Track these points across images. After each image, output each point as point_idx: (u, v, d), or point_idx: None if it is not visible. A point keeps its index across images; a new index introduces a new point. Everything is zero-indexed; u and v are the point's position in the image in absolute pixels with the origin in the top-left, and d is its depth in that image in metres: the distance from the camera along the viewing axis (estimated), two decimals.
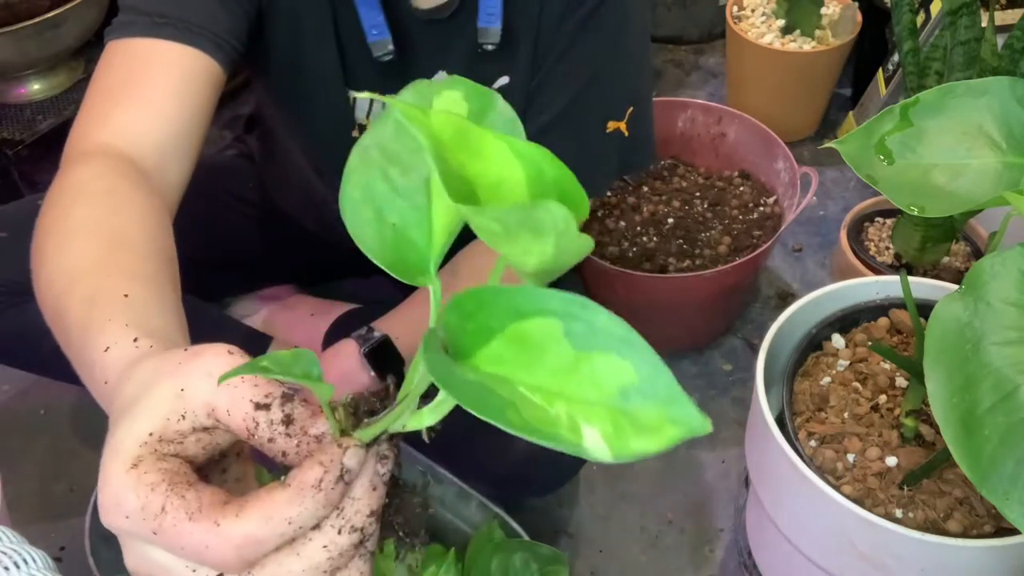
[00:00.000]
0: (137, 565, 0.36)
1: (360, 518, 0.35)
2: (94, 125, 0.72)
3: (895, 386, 0.85)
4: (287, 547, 0.35)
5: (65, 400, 1.27)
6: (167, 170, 0.71)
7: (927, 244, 1.16)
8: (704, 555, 1.09)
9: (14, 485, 1.18)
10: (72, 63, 1.53)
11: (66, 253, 0.59)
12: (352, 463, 0.35)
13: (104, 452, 0.36)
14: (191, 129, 0.74)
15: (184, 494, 0.34)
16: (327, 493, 0.34)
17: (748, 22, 1.60)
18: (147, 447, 0.35)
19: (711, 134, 1.38)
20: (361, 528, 0.35)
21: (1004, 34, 1.05)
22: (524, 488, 0.97)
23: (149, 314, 0.49)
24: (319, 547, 0.35)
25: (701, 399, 1.26)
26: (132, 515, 0.34)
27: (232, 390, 0.36)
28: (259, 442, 0.36)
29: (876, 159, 0.64)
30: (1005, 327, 0.56)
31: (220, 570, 0.35)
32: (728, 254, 1.25)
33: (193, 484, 0.35)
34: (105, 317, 0.47)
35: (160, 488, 0.34)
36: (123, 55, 0.75)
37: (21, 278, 0.99)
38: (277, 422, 0.36)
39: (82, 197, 0.64)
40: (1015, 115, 0.63)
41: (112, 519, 0.35)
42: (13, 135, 1.43)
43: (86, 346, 0.47)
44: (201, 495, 0.34)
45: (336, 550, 0.35)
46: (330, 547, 0.35)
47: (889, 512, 0.76)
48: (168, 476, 0.35)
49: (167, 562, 0.35)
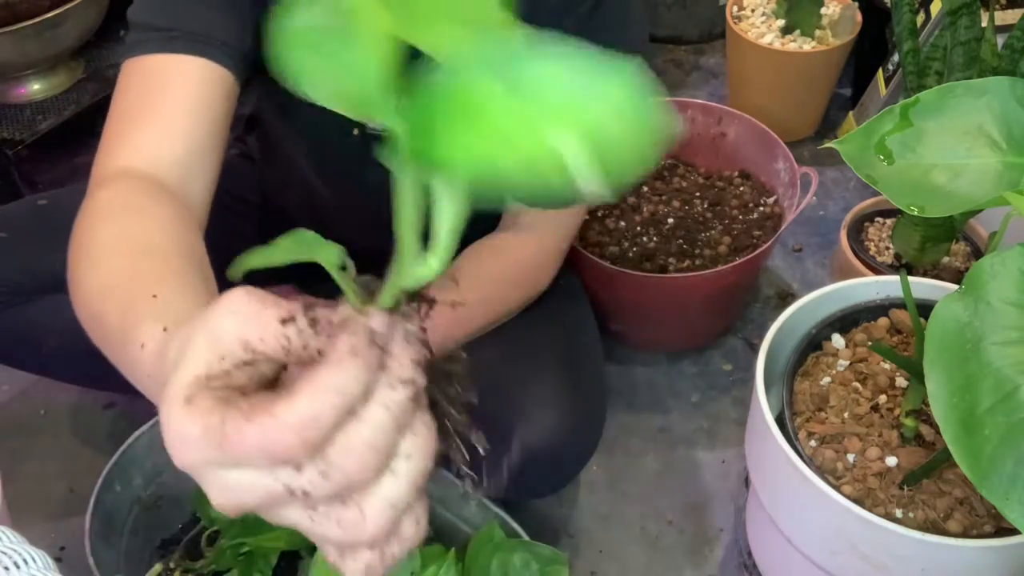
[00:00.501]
0: (220, 496, 0.37)
1: (406, 370, 0.37)
2: (115, 148, 0.73)
3: (895, 386, 0.85)
4: (349, 419, 0.35)
5: (65, 400, 1.27)
6: (190, 183, 0.73)
7: (927, 244, 1.16)
8: (704, 555, 1.09)
9: (14, 485, 1.18)
10: (72, 63, 1.53)
11: (96, 272, 0.62)
12: (378, 325, 0.36)
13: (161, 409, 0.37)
14: (210, 141, 0.75)
15: (239, 404, 0.35)
16: (364, 357, 0.35)
17: (748, 22, 1.60)
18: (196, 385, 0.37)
19: (711, 134, 1.38)
20: (411, 379, 0.37)
21: (1004, 34, 1.05)
22: (525, 490, 0.97)
23: (177, 307, 0.52)
24: (378, 408, 0.36)
25: (701, 399, 1.26)
26: (197, 441, 0.35)
27: (258, 319, 0.37)
28: (296, 355, 0.37)
29: (876, 159, 0.64)
30: (1005, 327, 0.56)
31: (292, 459, 0.35)
32: (728, 254, 1.25)
33: (246, 395, 0.36)
34: (138, 320, 0.50)
35: (216, 408, 0.35)
36: (138, 74, 0.76)
37: (21, 278, 1.00)
38: (305, 328, 0.37)
39: (106, 216, 0.67)
40: (1015, 115, 0.63)
41: (182, 455, 0.36)
42: (13, 135, 1.43)
43: (126, 350, 0.50)
44: (253, 400, 0.36)
45: (395, 407, 0.36)
46: (389, 404, 0.36)
47: (889, 512, 0.76)
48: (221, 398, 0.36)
49: (245, 479, 0.36)
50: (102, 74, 1.55)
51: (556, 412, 0.91)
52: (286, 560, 0.92)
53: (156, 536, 0.97)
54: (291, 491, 0.35)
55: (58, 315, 1.01)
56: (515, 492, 1.01)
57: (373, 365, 0.36)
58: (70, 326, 1.01)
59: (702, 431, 1.22)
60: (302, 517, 0.37)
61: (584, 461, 0.97)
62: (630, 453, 1.20)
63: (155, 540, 0.97)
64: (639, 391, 1.27)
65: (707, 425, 1.23)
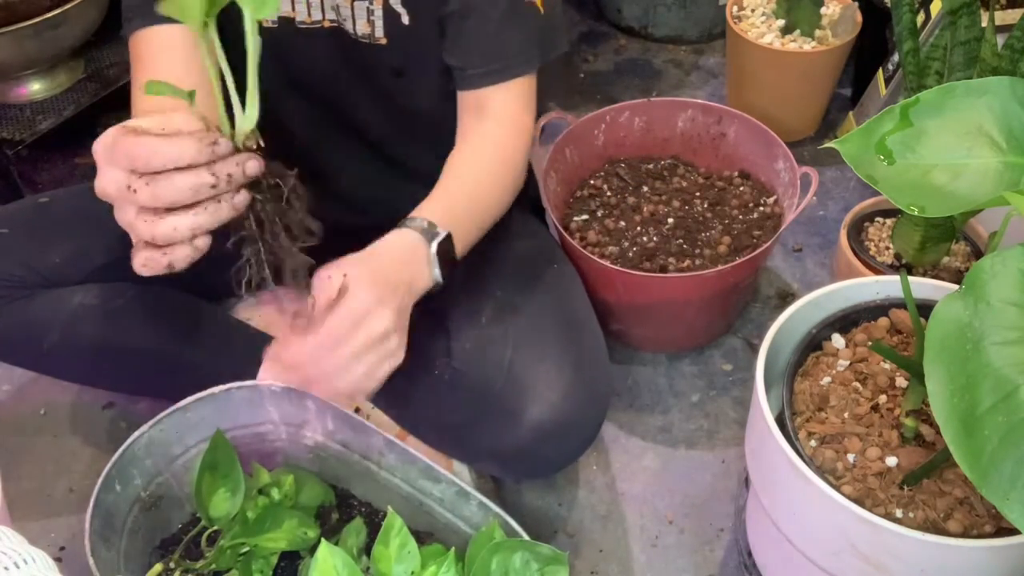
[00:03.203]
0: (99, 183, 0.63)
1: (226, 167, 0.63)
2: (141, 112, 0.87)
3: (895, 386, 0.85)
4: (182, 169, 0.62)
5: (65, 400, 1.27)
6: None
7: (927, 244, 1.16)
8: (704, 555, 1.09)
9: (14, 485, 1.18)
10: (72, 63, 1.53)
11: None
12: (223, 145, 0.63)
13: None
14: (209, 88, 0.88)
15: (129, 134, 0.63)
16: (198, 139, 0.62)
17: (748, 22, 1.60)
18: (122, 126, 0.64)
19: (711, 134, 1.38)
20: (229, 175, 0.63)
21: (1004, 34, 1.05)
22: (534, 465, 0.98)
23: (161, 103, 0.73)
24: (199, 174, 0.62)
25: (701, 399, 1.26)
26: (103, 140, 0.64)
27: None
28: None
29: (876, 159, 0.64)
30: (1005, 327, 0.56)
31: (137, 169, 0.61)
32: (728, 254, 1.25)
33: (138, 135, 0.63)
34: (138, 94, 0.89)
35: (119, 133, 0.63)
36: (143, 45, 0.89)
37: (23, 272, 1.00)
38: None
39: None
40: (1015, 115, 0.63)
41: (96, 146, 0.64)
42: (13, 135, 1.43)
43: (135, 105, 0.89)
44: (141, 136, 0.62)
45: (203, 181, 0.62)
46: (203, 177, 0.62)
47: (889, 512, 0.76)
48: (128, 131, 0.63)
49: (112, 174, 0.62)
50: (102, 74, 1.55)
51: (562, 388, 0.92)
52: (286, 560, 0.92)
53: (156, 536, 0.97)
54: (131, 187, 0.61)
55: (59, 310, 1.01)
56: (525, 469, 1.02)
57: (205, 152, 0.61)
58: (71, 321, 1.02)
59: (702, 431, 1.22)
60: (130, 215, 0.63)
61: (591, 437, 0.98)
62: (630, 453, 1.20)
63: (155, 540, 0.97)
64: (639, 391, 1.27)
65: (707, 425, 1.23)
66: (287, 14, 0.96)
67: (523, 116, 0.97)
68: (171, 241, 0.63)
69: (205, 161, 0.62)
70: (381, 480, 0.96)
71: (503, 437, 0.93)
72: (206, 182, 0.62)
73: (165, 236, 0.63)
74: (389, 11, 0.94)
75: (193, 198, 0.62)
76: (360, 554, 0.90)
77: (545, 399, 0.92)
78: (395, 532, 0.82)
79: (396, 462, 0.94)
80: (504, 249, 1.06)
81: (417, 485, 0.94)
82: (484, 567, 0.81)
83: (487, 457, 0.97)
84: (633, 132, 1.39)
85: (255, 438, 1.00)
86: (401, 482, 0.95)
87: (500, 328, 0.96)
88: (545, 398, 0.92)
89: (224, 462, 0.91)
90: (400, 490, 0.95)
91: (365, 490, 0.99)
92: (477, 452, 0.98)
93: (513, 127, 0.96)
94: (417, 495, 0.94)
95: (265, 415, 0.98)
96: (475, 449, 0.98)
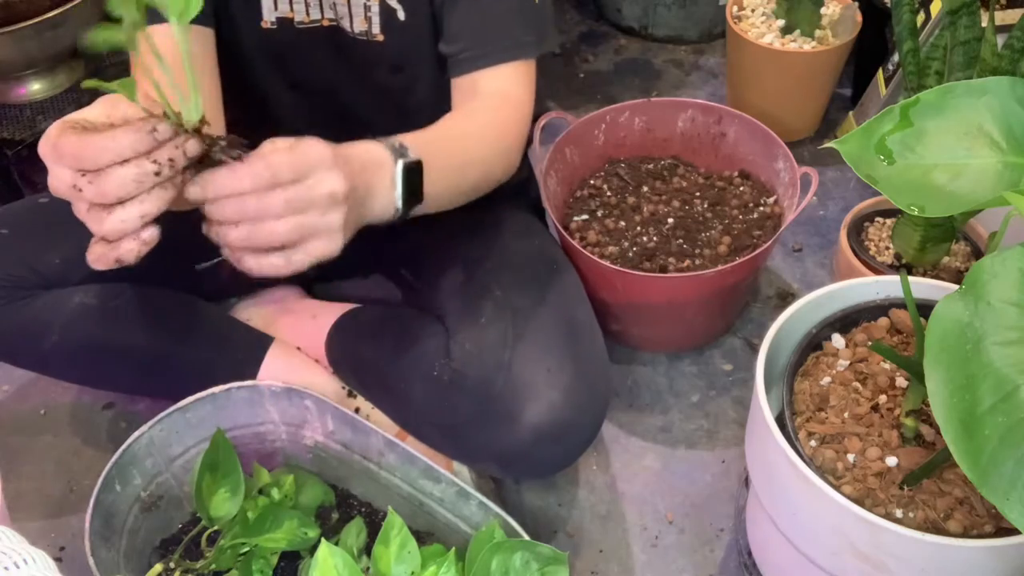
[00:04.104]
0: (51, 182, 0.63)
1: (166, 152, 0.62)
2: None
3: (895, 386, 0.85)
4: (123, 164, 0.61)
5: (65, 400, 1.27)
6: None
7: (927, 244, 1.16)
8: (704, 555, 1.09)
9: (14, 485, 1.18)
10: (72, 63, 1.53)
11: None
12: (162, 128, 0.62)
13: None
14: (217, 93, 0.90)
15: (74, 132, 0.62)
16: (139, 131, 0.61)
17: (748, 22, 1.60)
18: (66, 121, 0.64)
19: (711, 134, 1.38)
20: (171, 159, 0.62)
21: (1004, 34, 1.05)
22: (534, 466, 0.98)
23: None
24: (138, 166, 0.61)
25: (701, 399, 1.26)
26: (48, 138, 0.63)
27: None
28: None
29: (876, 159, 0.64)
30: (1005, 327, 0.56)
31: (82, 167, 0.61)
32: (728, 254, 1.25)
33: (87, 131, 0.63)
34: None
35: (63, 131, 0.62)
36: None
37: (23, 272, 1.00)
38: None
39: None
40: (1015, 115, 0.63)
41: (41, 146, 0.63)
42: (13, 135, 1.43)
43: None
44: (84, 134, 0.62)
45: (143, 170, 0.61)
46: (144, 168, 0.61)
47: (889, 512, 0.76)
48: (72, 128, 0.62)
49: (60, 173, 0.62)
50: (102, 74, 1.55)
51: (562, 388, 0.92)
52: (286, 560, 0.92)
53: (156, 536, 0.97)
54: (76, 186, 0.61)
55: (60, 310, 1.01)
56: (525, 469, 1.02)
57: (146, 141, 0.61)
58: (71, 321, 1.02)
59: (702, 431, 1.22)
60: (83, 211, 0.63)
61: (591, 438, 0.98)
62: (630, 453, 1.20)
63: (155, 540, 0.97)
64: (639, 391, 1.27)
65: (707, 425, 1.23)
66: (286, 15, 0.96)
67: (518, 92, 0.95)
68: (122, 234, 0.63)
69: (146, 150, 0.61)
70: (381, 480, 0.96)
71: (503, 437, 0.93)
72: (148, 171, 0.61)
73: (115, 230, 0.62)
74: (385, 7, 0.94)
75: (139, 189, 0.62)
76: (360, 554, 0.90)
77: (545, 399, 0.91)
78: (395, 532, 0.82)
79: (396, 462, 0.94)
80: (504, 249, 1.06)
81: (417, 485, 0.94)
82: (484, 567, 0.81)
83: (487, 457, 0.97)
84: (633, 132, 1.39)
85: (255, 438, 1.00)
86: (401, 482, 0.95)
87: (500, 328, 0.96)
88: (545, 398, 0.91)
89: (224, 462, 0.91)
90: (400, 490, 0.95)
91: (365, 490, 0.99)
92: (477, 452, 0.98)
93: (507, 101, 0.95)
94: (417, 495, 0.95)
95: (265, 415, 0.98)
96: (475, 449, 0.98)
